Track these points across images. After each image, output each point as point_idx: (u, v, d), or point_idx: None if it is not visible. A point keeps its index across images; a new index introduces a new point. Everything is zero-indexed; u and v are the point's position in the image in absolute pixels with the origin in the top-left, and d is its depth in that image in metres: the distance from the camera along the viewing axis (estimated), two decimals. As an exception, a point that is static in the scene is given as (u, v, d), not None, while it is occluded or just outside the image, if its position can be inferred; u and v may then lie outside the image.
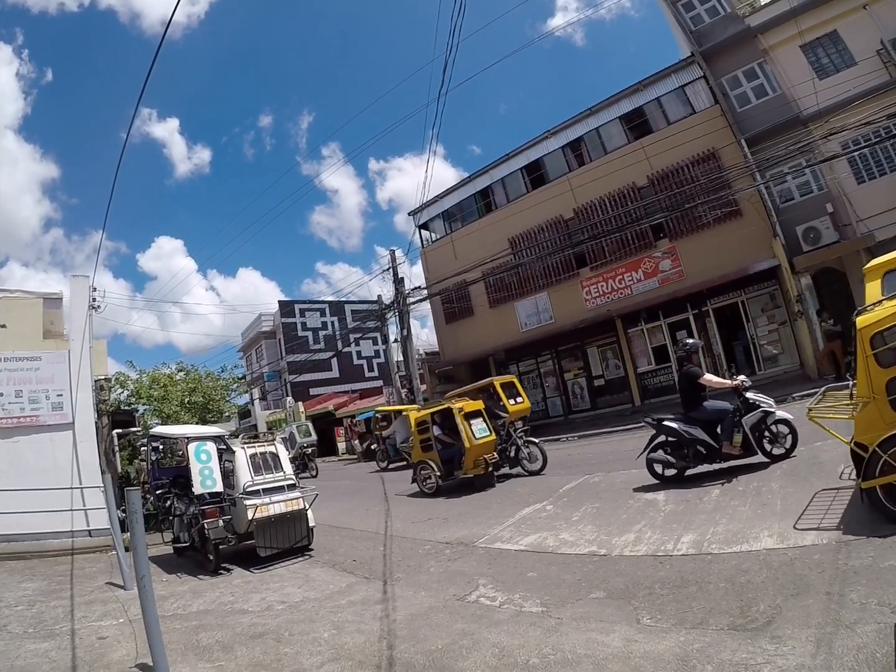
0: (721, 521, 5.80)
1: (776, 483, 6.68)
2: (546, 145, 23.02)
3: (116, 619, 5.79)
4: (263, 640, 4.74)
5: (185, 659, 4.47)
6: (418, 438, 12.34)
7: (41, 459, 10.57)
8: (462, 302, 25.33)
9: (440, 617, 4.76)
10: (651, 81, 20.33)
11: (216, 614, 5.76)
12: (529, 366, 24.25)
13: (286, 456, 8.95)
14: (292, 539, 8.19)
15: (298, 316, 45.57)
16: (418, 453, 12.33)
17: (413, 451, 12.88)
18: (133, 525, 4.21)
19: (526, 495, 9.49)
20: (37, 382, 10.98)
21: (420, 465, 12.15)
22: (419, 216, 27.58)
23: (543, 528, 7.21)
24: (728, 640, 3.40)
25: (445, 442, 11.76)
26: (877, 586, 3.61)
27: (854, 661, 2.86)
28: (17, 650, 4.88)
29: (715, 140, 18.10)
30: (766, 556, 4.64)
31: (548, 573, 5.51)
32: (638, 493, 7.88)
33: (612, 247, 20.59)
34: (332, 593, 6.07)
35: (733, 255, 17.52)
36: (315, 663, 4.12)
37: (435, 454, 11.72)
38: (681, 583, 4.51)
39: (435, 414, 12.06)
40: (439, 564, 6.56)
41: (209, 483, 8.03)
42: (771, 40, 18.15)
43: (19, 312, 11.50)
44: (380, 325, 25.46)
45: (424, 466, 11.95)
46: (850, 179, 16.54)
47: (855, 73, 15.96)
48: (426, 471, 11.90)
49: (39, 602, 6.66)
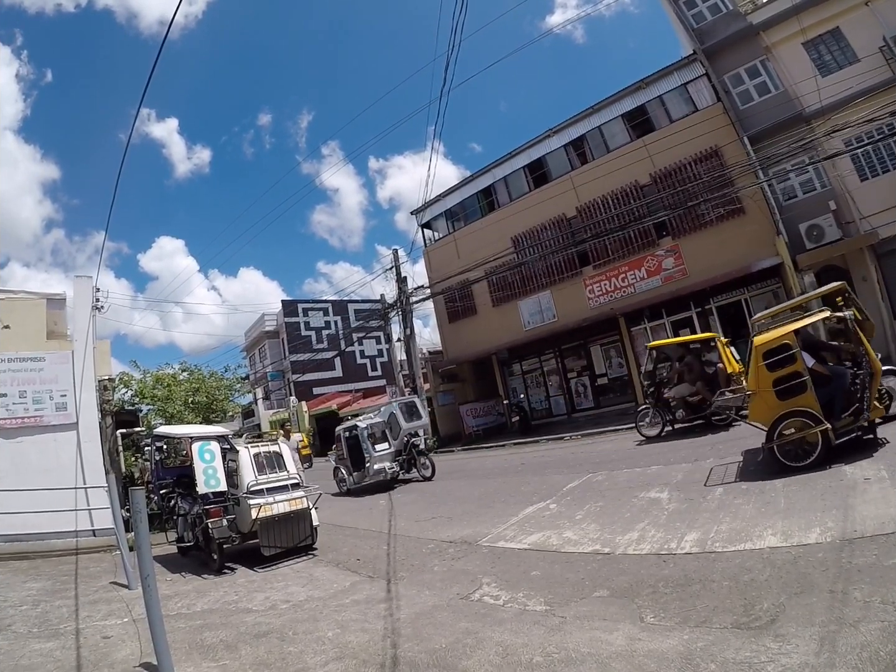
0: (724, 520, 5.80)
1: (780, 481, 6.68)
2: (548, 144, 22.99)
3: (120, 618, 5.80)
4: (267, 639, 4.75)
5: (189, 658, 4.49)
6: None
7: (45, 459, 10.59)
8: (465, 301, 25.33)
9: (444, 616, 4.77)
10: (653, 79, 20.29)
11: (220, 613, 5.78)
12: (533, 365, 24.25)
13: (289, 455, 8.96)
14: (296, 538, 8.20)
15: (302, 315, 45.61)
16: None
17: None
18: (137, 524, 4.21)
19: (529, 494, 9.49)
20: (40, 383, 11.01)
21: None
22: (422, 215, 27.61)
23: (547, 527, 7.21)
24: (732, 639, 3.40)
25: None
26: (880, 584, 3.61)
27: (857, 660, 2.86)
28: (22, 649, 4.89)
29: (717, 138, 18.05)
30: (769, 554, 4.64)
31: (551, 572, 5.51)
32: (641, 492, 7.87)
33: (615, 245, 20.56)
34: (336, 592, 6.08)
35: (736, 253, 17.49)
36: (319, 662, 4.13)
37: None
38: (684, 581, 4.51)
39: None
40: (443, 563, 6.56)
41: (213, 482, 8.03)
42: (773, 38, 18.09)
43: (23, 313, 11.53)
44: (383, 325, 25.46)
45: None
46: (853, 177, 16.49)
47: (857, 71, 15.90)
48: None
49: (44, 602, 6.68)
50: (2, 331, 11.02)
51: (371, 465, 13.76)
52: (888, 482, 5.58)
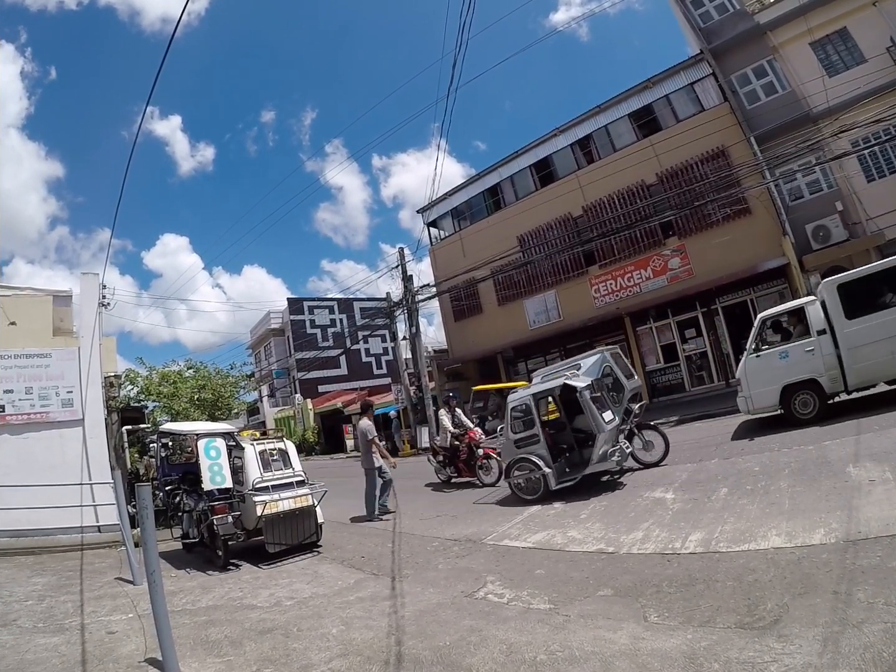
0: (729, 520, 5.79)
1: (784, 482, 6.66)
2: (555, 143, 23.01)
3: (126, 614, 5.82)
4: (272, 636, 4.76)
5: (193, 654, 4.50)
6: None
7: (51, 456, 10.64)
8: (471, 299, 25.38)
9: (448, 613, 4.78)
10: (660, 79, 20.30)
11: (225, 610, 5.79)
12: (538, 364, 24.20)
13: (295, 452, 8.98)
14: (301, 535, 8.22)
15: (307, 313, 45.61)
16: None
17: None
18: (143, 521, 4.23)
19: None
20: (47, 379, 11.06)
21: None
22: (428, 214, 27.62)
23: (551, 526, 7.21)
24: (735, 639, 3.39)
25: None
26: (884, 586, 3.60)
27: (861, 661, 2.86)
28: (27, 644, 4.92)
29: (724, 138, 18.03)
30: (773, 554, 4.63)
31: (556, 570, 5.51)
32: (646, 492, 7.86)
33: (621, 245, 20.57)
34: (341, 589, 6.09)
35: (742, 253, 17.47)
36: (323, 658, 4.14)
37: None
38: (688, 581, 4.51)
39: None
40: (447, 561, 6.57)
41: (218, 479, 8.05)
42: (780, 37, 18.07)
43: (29, 310, 11.58)
44: (388, 323, 25.47)
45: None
46: (860, 177, 16.46)
47: (865, 71, 15.88)
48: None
49: (49, 597, 6.71)
50: (8, 327, 11.07)
51: (600, 447, 8.59)
52: (893, 484, 5.55)
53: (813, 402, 9.79)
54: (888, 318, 8.93)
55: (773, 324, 10.71)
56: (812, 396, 9.81)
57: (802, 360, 9.81)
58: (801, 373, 9.80)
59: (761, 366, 10.22)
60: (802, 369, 9.78)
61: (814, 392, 9.79)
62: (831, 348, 9.55)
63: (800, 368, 9.81)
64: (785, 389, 9.96)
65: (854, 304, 9.27)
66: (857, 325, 9.19)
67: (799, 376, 9.82)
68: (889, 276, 9.30)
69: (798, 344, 9.93)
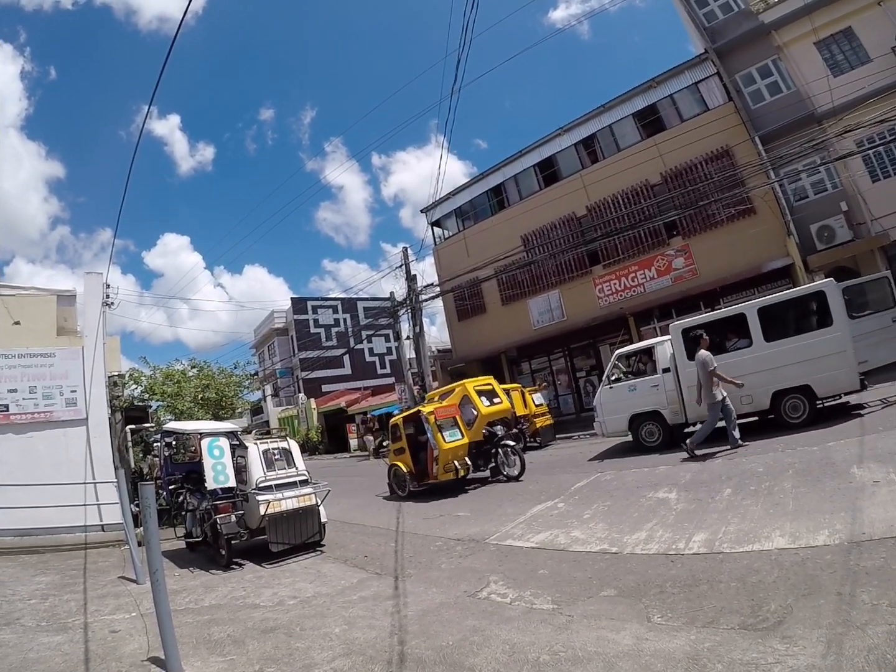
0: (733, 521, 5.77)
1: (788, 483, 6.64)
2: (559, 142, 23.00)
3: (129, 612, 5.83)
4: (275, 635, 4.76)
5: (196, 653, 4.50)
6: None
7: (55, 454, 10.67)
8: (474, 299, 25.37)
9: (451, 613, 4.77)
10: (664, 78, 20.27)
11: (228, 609, 5.80)
12: (542, 363, 24.25)
13: (298, 452, 8.99)
14: (304, 534, 8.22)
15: (311, 313, 45.69)
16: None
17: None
18: (147, 520, 4.23)
19: (537, 493, 9.48)
20: (51, 378, 11.08)
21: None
22: (431, 213, 27.62)
23: (555, 526, 7.20)
24: (739, 640, 3.38)
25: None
26: (888, 588, 3.58)
27: (864, 663, 2.84)
28: (31, 643, 4.93)
29: (728, 137, 18.00)
30: (777, 555, 4.61)
31: (559, 570, 5.50)
32: (650, 492, 7.85)
33: (625, 244, 20.56)
34: (344, 589, 6.09)
35: (747, 253, 17.45)
36: (326, 658, 4.14)
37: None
38: (692, 582, 4.50)
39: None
40: (450, 561, 6.56)
41: (222, 478, 8.07)
42: (785, 37, 18.03)
43: (33, 309, 11.60)
44: (392, 322, 25.47)
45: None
46: (865, 177, 16.42)
47: (870, 71, 15.85)
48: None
49: (52, 596, 6.72)
50: (12, 327, 11.11)
51: None
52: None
53: (658, 431, 11.39)
54: (724, 361, 9.96)
55: (627, 359, 12.31)
56: (657, 426, 11.38)
57: (649, 394, 11.41)
58: (646, 405, 11.43)
59: (614, 396, 11.90)
60: (648, 402, 11.40)
61: (657, 422, 11.36)
62: (674, 384, 11.05)
63: (646, 401, 11.43)
64: (633, 418, 11.61)
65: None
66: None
67: (644, 408, 11.47)
68: (727, 323, 10.85)
69: (645, 379, 11.54)
